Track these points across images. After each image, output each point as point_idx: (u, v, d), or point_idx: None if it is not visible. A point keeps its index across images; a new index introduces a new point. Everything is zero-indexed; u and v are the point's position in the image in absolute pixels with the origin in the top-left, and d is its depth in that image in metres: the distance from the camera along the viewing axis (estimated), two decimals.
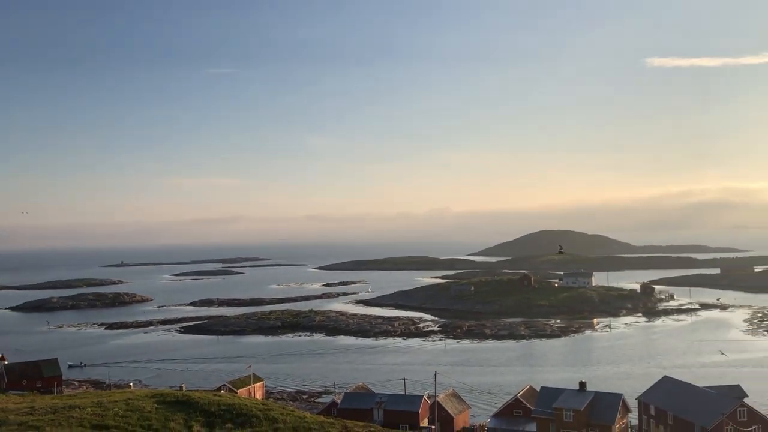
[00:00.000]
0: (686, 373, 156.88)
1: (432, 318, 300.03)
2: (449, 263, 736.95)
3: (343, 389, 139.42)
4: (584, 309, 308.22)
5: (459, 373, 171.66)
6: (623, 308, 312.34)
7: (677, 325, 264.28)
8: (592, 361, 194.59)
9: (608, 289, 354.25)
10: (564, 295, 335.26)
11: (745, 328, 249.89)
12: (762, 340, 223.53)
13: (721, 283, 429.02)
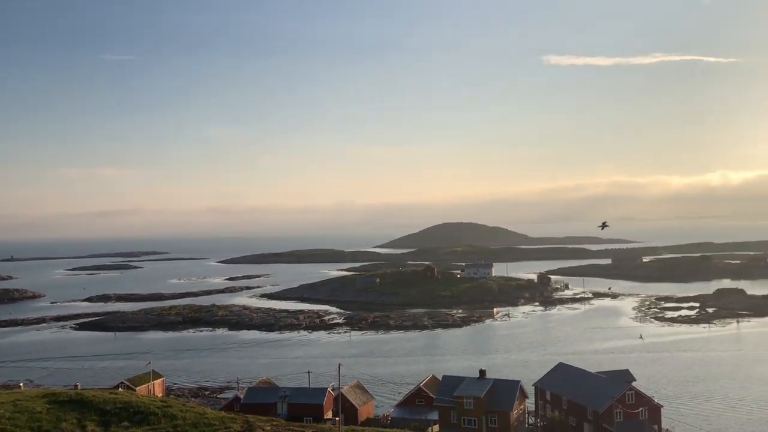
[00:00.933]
0: (580, 360, 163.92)
1: (337, 310, 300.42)
2: (355, 256, 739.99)
3: (247, 384, 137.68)
4: (485, 299, 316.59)
5: (363, 364, 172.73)
6: (521, 298, 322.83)
7: (571, 314, 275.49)
8: (492, 349, 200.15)
9: (507, 280, 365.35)
10: (466, 285, 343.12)
11: (634, 315, 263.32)
12: (649, 326, 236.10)
13: (612, 272, 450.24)
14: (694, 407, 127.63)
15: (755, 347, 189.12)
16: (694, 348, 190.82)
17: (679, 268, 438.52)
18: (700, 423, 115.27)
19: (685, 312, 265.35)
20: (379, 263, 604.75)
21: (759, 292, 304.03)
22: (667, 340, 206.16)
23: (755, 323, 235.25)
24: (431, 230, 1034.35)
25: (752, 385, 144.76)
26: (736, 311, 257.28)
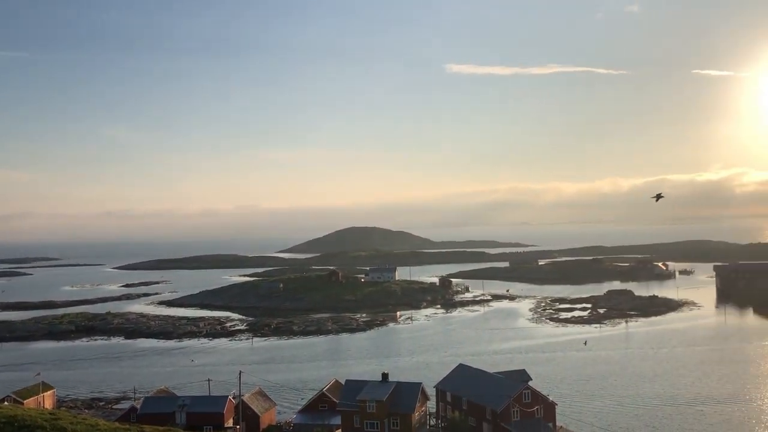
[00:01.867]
0: (479, 360, 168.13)
1: (239, 317, 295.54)
2: (258, 261, 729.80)
3: (144, 394, 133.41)
4: (388, 302, 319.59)
5: (266, 371, 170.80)
6: (424, 301, 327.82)
7: (472, 316, 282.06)
8: (395, 352, 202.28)
9: (410, 283, 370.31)
10: (370, 289, 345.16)
11: (530, 316, 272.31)
12: (545, 327, 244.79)
13: (511, 275, 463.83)
14: (586, 404, 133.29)
15: (641, 346, 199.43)
16: (586, 348, 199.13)
17: (573, 271, 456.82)
18: (591, 420, 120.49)
19: (578, 313, 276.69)
20: (283, 268, 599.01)
21: (645, 293, 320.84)
22: (561, 340, 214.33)
23: (642, 323, 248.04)
24: (337, 234, 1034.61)
25: (639, 382, 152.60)
26: (624, 311, 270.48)
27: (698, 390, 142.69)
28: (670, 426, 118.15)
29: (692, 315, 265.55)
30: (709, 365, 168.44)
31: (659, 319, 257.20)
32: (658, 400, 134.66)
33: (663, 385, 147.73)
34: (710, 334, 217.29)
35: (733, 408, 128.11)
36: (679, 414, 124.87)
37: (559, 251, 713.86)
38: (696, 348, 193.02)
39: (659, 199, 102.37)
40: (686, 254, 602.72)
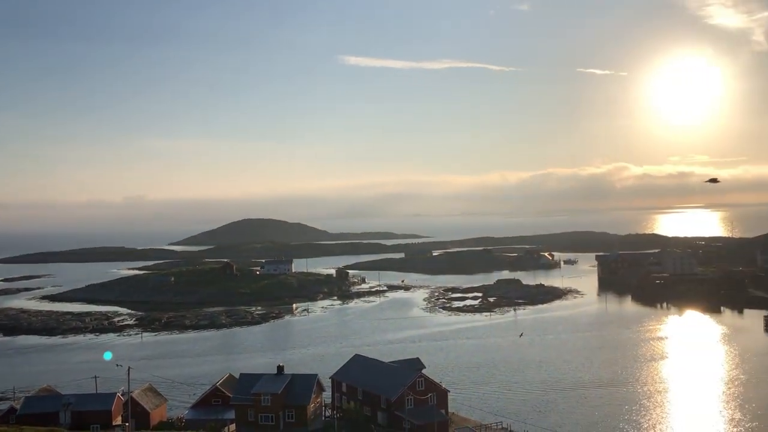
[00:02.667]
0: (374, 350, 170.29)
1: (128, 311, 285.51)
2: (148, 253, 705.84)
3: (24, 393, 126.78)
4: (284, 295, 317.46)
5: (156, 366, 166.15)
6: (320, 292, 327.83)
7: (368, 306, 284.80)
8: (291, 345, 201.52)
9: (307, 275, 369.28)
10: (265, 282, 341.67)
11: (424, 306, 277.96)
12: (438, 316, 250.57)
13: (406, 266, 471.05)
14: (476, 391, 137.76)
15: (528, 333, 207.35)
16: (477, 335, 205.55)
17: (465, 261, 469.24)
18: (481, 405, 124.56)
19: (470, 302, 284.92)
20: (174, 261, 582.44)
21: (533, 282, 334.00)
22: (453, 328, 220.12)
23: (529, 311, 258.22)
24: (231, 226, 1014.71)
25: (526, 368, 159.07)
26: (513, 300, 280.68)
27: (581, 374, 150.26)
28: (555, 409, 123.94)
29: (576, 302, 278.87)
30: (591, 350, 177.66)
31: (545, 306, 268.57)
32: (543, 385, 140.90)
33: (549, 371, 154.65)
34: (592, 321, 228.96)
35: (613, 391, 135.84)
36: (564, 398, 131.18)
37: (452, 242, 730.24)
38: (579, 334, 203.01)
39: (714, 183, 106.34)
40: (571, 244, 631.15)
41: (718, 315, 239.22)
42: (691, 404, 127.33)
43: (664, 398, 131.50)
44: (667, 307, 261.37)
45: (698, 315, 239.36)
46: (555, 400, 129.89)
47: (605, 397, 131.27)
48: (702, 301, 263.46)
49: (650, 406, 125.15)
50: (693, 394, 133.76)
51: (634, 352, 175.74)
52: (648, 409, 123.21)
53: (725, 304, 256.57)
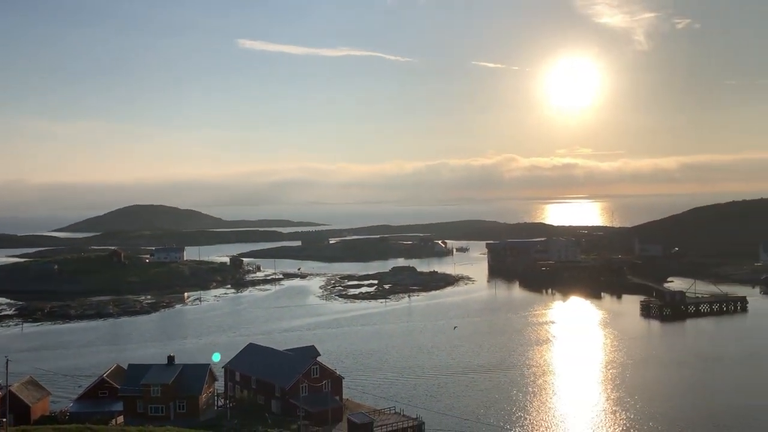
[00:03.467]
0: (269, 339, 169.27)
1: (8, 301, 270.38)
2: (29, 240, 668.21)
3: None
4: (176, 283, 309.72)
5: (38, 358, 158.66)
6: (213, 281, 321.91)
7: (263, 295, 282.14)
8: (183, 334, 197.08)
9: (199, 263, 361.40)
10: (155, 270, 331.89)
11: (320, 294, 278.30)
12: (334, 303, 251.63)
13: (302, 254, 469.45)
14: (370, 377, 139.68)
15: (422, 319, 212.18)
16: (372, 322, 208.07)
17: (361, 249, 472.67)
18: (375, 391, 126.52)
19: (366, 289, 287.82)
20: (58, 248, 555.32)
21: (426, 269, 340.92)
22: (349, 315, 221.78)
23: (423, 297, 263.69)
24: (119, 213, 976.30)
25: (418, 353, 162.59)
26: (408, 287, 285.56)
27: (470, 359, 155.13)
28: (445, 393, 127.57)
29: (467, 289, 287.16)
30: (481, 335, 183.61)
31: (439, 293, 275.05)
32: (435, 370, 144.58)
33: (440, 356, 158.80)
34: (482, 307, 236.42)
35: (501, 375, 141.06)
36: (454, 382, 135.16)
37: (349, 230, 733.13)
38: (470, 319, 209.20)
39: None
40: (463, 233, 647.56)
41: (598, 300, 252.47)
42: (574, 386, 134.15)
43: (549, 380, 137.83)
44: (552, 292, 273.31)
45: (581, 300, 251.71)
46: (446, 384, 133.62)
47: (494, 380, 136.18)
48: (584, 287, 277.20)
49: (536, 389, 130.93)
50: (576, 376, 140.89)
51: (521, 336, 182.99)
52: (534, 392, 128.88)
53: (605, 290, 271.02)
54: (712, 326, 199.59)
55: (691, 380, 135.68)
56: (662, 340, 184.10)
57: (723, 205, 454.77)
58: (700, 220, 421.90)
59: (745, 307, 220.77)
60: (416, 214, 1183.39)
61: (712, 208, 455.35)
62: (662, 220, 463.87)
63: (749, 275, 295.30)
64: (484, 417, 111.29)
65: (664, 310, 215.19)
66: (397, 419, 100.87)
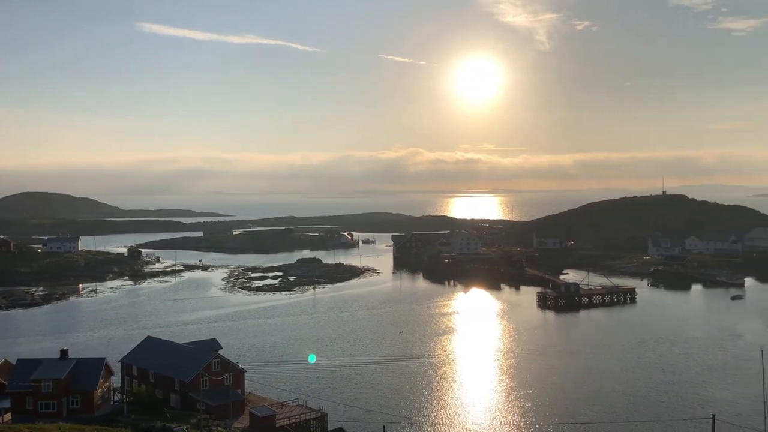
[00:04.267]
0: (168, 332, 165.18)
1: None
2: None
3: None
4: (70, 275, 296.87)
5: None
6: (110, 272, 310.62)
7: (162, 287, 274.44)
8: (77, 327, 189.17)
9: (95, 254, 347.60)
10: (48, 260, 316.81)
11: (223, 286, 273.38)
12: (237, 296, 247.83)
13: (204, 245, 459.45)
14: (273, 370, 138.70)
15: (326, 311, 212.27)
16: (275, 315, 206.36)
17: (266, 240, 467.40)
18: (279, 384, 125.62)
19: (270, 281, 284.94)
20: None
21: (332, 261, 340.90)
22: (252, 308, 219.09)
23: (328, 289, 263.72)
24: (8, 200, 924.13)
25: (322, 345, 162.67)
26: (313, 279, 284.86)
27: (374, 350, 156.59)
28: (349, 384, 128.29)
29: (373, 280, 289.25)
30: (384, 327, 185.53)
31: (344, 285, 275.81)
32: (338, 362, 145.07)
33: (344, 348, 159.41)
34: (387, 298, 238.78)
35: (404, 365, 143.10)
36: (357, 374, 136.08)
37: (254, 221, 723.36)
38: (374, 311, 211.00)
39: None
40: (369, 225, 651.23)
41: (498, 291, 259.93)
42: (474, 375, 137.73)
43: (450, 370, 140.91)
44: (454, 284, 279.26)
45: (481, 291, 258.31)
46: (349, 376, 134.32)
47: (396, 371, 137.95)
48: (485, 278, 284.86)
49: (438, 378, 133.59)
50: (476, 366, 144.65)
51: (424, 327, 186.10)
52: (436, 381, 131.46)
53: (505, 282, 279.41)
54: (603, 316, 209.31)
55: (583, 368, 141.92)
56: (557, 330, 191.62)
57: (615, 201, 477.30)
58: (594, 215, 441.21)
59: (634, 299, 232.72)
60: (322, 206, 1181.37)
61: (606, 203, 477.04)
62: (559, 215, 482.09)
63: (638, 268, 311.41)
64: (387, 407, 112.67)
65: (559, 301, 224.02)
66: (300, 411, 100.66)
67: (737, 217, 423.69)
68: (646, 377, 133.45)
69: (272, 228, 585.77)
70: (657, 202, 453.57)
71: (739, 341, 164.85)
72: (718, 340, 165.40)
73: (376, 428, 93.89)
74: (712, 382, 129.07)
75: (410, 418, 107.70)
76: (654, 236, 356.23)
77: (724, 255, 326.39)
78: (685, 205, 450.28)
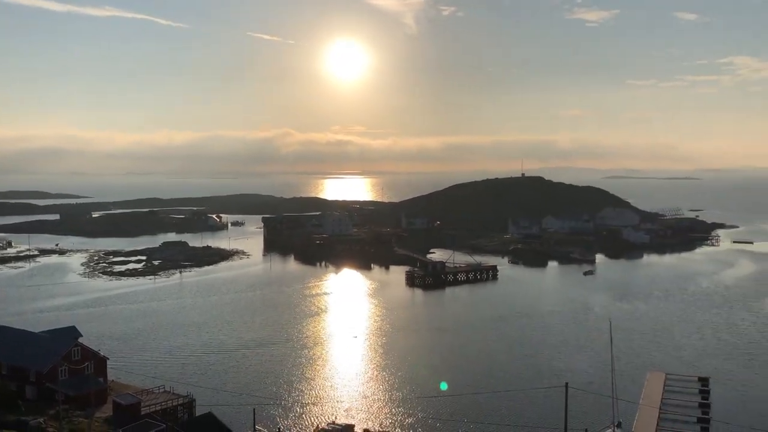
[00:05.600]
0: (22, 321, 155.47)
1: None
2: None
3: None
4: None
5: None
6: None
7: (14, 273, 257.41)
8: None
9: None
10: None
11: (82, 271, 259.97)
12: (97, 281, 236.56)
13: (61, 228, 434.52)
14: (138, 357, 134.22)
15: (193, 296, 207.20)
16: (139, 300, 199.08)
17: (128, 223, 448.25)
18: (143, 371, 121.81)
19: (133, 265, 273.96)
20: None
21: (200, 244, 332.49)
22: (114, 293, 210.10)
23: (195, 273, 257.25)
24: None
25: (189, 331, 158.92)
26: (179, 262, 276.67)
27: (242, 334, 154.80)
28: (217, 369, 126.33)
29: (242, 263, 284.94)
30: (254, 310, 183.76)
31: (212, 268, 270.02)
32: (206, 348, 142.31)
33: (211, 332, 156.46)
34: (256, 281, 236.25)
35: (273, 348, 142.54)
36: (226, 358, 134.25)
37: (115, 203, 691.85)
38: (244, 294, 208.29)
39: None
40: (238, 207, 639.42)
41: (369, 271, 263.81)
42: (345, 355, 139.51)
43: (321, 351, 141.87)
44: (326, 265, 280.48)
45: (352, 272, 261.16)
46: (217, 361, 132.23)
47: (266, 354, 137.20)
48: (356, 259, 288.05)
49: (309, 359, 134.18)
50: (346, 346, 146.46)
51: (294, 309, 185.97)
52: (307, 362, 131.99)
53: (375, 262, 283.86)
54: (467, 293, 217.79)
55: (449, 343, 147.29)
56: (425, 307, 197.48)
57: (479, 183, 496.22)
58: (459, 197, 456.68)
59: (495, 276, 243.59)
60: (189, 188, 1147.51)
61: (470, 185, 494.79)
62: (426, 196, 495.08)
63: (500, 246, 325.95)
64: (257, 390, 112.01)
65: (426, 280, 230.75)
66: (167, 397, 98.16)
67: (590, 198, 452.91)
68: (507, 350, 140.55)
69: (135, 210, 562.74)
70: (517, 184, 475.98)
71: (590, 314, 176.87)
72: (572, 314, 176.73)
73: (247, 411, 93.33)
74: (566, 353, 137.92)
75: (280, 400, 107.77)
76: (513, 216, 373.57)
77: (577, 233, 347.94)
78: (543, 187, 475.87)
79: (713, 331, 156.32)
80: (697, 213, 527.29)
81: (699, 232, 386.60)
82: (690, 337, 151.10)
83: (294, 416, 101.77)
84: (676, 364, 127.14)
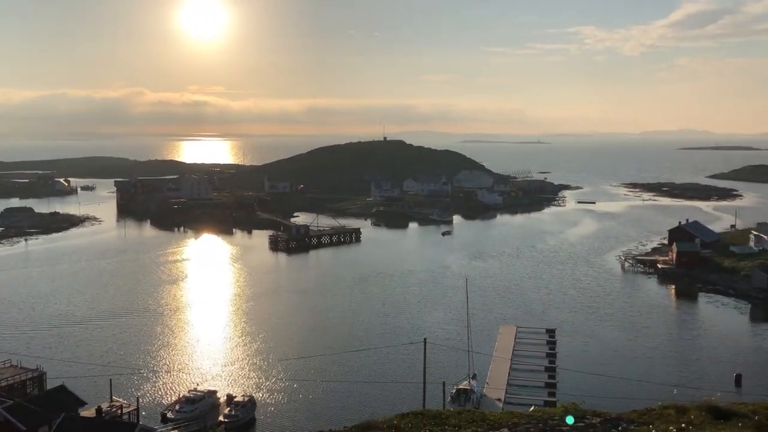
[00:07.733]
0: None
1: None
2: None
3: None
4: None
5: None
6: None
7: None
8: None
9: None
10: None
11: None
12: None
13: None
14: None
15: (40, 265, 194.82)
16: None
17: None
18: None
19: None
20: None
21: (47, 210, 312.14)
22: None
23: (42, 240, 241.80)
24: None
25: (35, 303, 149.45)
26: (24, 230, 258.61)
27: (96, 304, 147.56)
28: (69, 342, 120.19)
29: (94, 230, 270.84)
30: (107, 279, 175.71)
31: (61, 235, 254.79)
32: (55, 320, 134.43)
33: (60, 303, 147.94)
34: (110, 248, 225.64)
35: (129, 319, 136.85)
36: (78, 330, 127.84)
37: None
38: (96, 263, 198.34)
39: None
40: (88, 170, 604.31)
41: (230, 236, 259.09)
42: (206, 321, 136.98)
43: (181, 319, 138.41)
44: (184, 230, 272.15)
45: (213, 237, 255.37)
46: (69, 333, 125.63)
47: (122, 325, 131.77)
48: (217, 224, 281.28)
49: (169, 328, 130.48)
50: (208, 312, 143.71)
51: (152, 277, 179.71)
52: (167, 331, 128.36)
53: (237, 226, 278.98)
54: (331, 256, 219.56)
55: (313, 305, 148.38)
56: (289, 271, 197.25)
57: (341, 146, 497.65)
58: (322, 160, 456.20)
59: (359, 238, 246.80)
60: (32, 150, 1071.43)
61: (332, 148, 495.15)
62: (289, 159, 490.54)
63: (362, 209, 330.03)
64: (113, 361, 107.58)
65: (290, 243, 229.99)
66: (14, 372, 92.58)
67: (448, 161, 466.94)
68: (369, 309, 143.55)
69: None
70: (379, 147, 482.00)
71: (447, 272, 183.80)
72: (431, 272, 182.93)
73: (103, 382, 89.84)
74: (426, 310, 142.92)
75: (139, 369, 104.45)
76: (376, 179, 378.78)
77: (436, 195, 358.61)
78: (404, 150, 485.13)
79: (559, 286, 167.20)
80: (546, 175, 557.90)
81: (547, 193, 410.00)
82: (538, 291, 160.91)
83: (153, 385, 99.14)
84: (526, 317, 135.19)
